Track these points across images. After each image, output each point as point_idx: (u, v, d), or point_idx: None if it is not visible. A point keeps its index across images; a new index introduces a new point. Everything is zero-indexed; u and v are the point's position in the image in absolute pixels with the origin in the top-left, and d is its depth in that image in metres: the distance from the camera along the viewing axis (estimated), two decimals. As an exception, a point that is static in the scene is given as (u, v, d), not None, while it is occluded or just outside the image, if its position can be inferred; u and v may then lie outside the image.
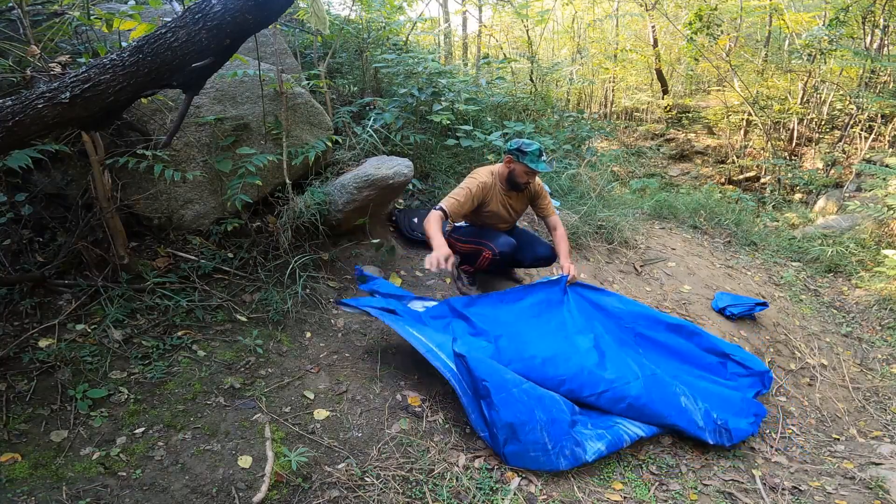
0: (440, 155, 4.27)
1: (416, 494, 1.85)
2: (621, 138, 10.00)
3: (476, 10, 8.40)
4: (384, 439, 2.08)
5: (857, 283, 4.45)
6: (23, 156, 1.85)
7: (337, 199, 2.94)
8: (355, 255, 3.17)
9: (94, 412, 1.90)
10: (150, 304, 2.37)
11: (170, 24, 1.49)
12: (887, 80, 6.97)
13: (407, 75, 4.27)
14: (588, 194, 4.77)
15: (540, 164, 2.85)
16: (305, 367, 2.36)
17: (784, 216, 6.11)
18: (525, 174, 2.91)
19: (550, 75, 7.28)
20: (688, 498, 2.03)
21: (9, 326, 2.11)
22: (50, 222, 2.42)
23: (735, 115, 8.55)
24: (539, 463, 2.01)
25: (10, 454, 1.70)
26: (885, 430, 2.81)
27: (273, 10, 1.62)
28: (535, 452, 2.00)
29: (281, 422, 2.05)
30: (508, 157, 2.92)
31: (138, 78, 1.50)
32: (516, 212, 3.16)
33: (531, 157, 2.84)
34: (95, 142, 2.23)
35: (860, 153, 6.85)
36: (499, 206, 3.04)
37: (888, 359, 3.48)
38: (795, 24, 7.48)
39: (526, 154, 2.84)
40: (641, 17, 9.59)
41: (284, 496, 1.76)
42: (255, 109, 2.83)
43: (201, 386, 2.11)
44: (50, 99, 1.43)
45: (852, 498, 2.11)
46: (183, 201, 2.67)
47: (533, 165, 2.84)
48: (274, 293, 2.63)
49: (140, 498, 1.66)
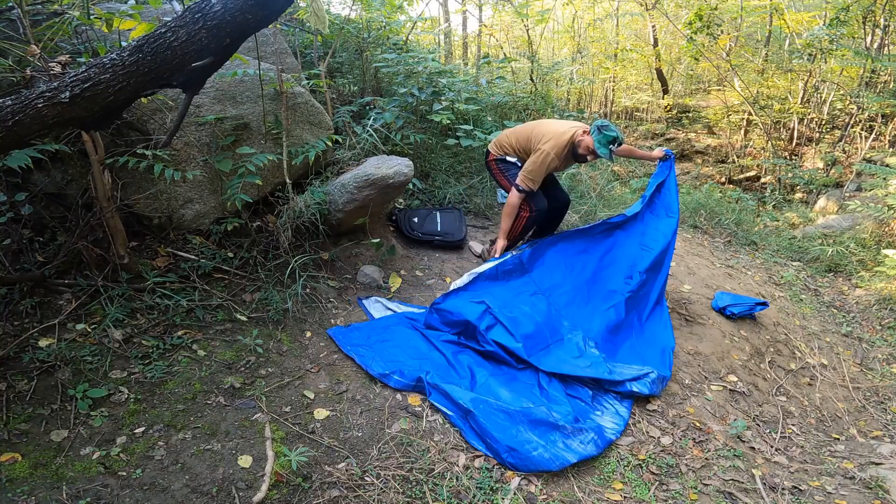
0: (440, 154, 4.27)
1: (416, 494, 1.85)
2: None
3: (476, 10, 8.40)
4: (384, 439, 2.08)
5: (857, 282, 4.44)
6: (23, 155, 1.85)
7: (337, 199, 2.94)
8: (355, 255, 3.17)
9: (95, 412, 1.90)
10: (150, 304, 2.37)
11: (170, 24, 1.49)
12: (888, 80, 6.96)
13: (407, 75, 4.27)
14: (588, 194, 4.78)
15: (602, 150, 2.92)
16: (305, 367, 2.36)
17: (784, 216, 6.10)
18: (587, 149, 2.98)
19: (551, 75, 7.26)
20: (688, 498, 2.03)
21: (9, 326, 2.11)
22: (50, 222, 2.42)
23: (735, 114, 8.55)
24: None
25: (11, 454, 1.70)
26: (885, 430, 2.81)
27: (273, 9, 1.62)
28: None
29: (281, 421, 2.05)
30: (586, 129, 3.01)
31: (138, 77, 1.50)
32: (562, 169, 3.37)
33: (602, 139, 2.91)
34: (95, 141, 2.23)
35: (860, 153, 6.85)
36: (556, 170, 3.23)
37: (888, 359, 3.48)
38: (796, 23, 7.47)
39: (601, 133, 2.91)
40: (641, 17, 9.58)
41: (284, 496, 1.76)
42: (255, 109, 2.83)
43: (201, 385, 2.11)
44: (50, 98, 1.43)
45: (852, 498, 2.11)
46: (183, 201, 2.67)
47: (596, 146, 2.93)
48: (274, 293, 2.63)
49: (140, 497, 1.66)
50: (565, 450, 2.08)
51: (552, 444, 2.09)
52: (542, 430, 2.14)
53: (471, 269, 3.43)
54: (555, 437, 2.12)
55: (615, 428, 2.28)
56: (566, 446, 2.10)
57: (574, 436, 2.15)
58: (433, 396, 2.28)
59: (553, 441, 2.10)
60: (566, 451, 2.08)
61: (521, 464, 2.02)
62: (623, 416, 2.36)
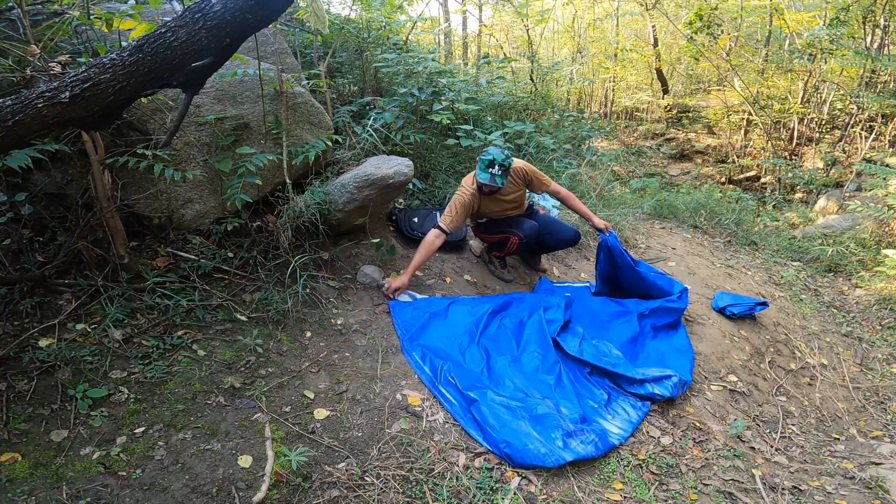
0: (440, 154, 4.27)
1: (416, 494, 1.85)
2: (621, 138, 10.01)
3: (476, 10, 8.40)
4: (384, 439, 2.08)
5: (857, 282, 4.45)
6: (23, 155, 1.85)
7: (337, 199, 2.94)
8: (355, 255, 3.17)
9: (95, 412, 1.90)
10: (150, 304, 2.37)
11: (170, 24, 1.49)
12: (888, 80, 6.96)
13: (407, 75, 4.27)
14: (588, 194, 4.78)
15: (482, 175, 2.95)
16: (305, 367, 2.36)
17: (784, 216, 6.10)
18: (477, 181, 3.04)
19: (550, 75, 7.27)
20: (688, 498, 2.03)
21: (9, 326, 2.11)
22: (50, 222, 2.42)
23: (735, 114, 8.55)
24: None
25: (11, 454, 1.70)
26: (885, 430, 2.81)
27: (273, 9, 1.62)
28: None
29: (281, 421, 2.05)
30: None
31: (138, 77, 1.50)
32: (514, 201, 3.27)
33: (479, 166, 2.96)
34: (95, 141, 2.23)
35: (860, 153, 6.85)
36: (492, 206, 3.20)
37: (888, 358, 3.48)
38: (796, 23, 7.47)
39: (478, 163, 2.97)
40: (641, 17, 9.59)
41: (284, 496, 1.76)
42: (255, 109, 2.83)
43: (201, 385, 2.11)
44: (50, 98, 1.43)
45: (852, 498, 2.11)
46: (183, 201, 2.67)
47: (478, 175, 2.98)
48: (274, 293, 2.63)
49: (140, 497, 1.66)
50: (563, 448, 2.09)
51: (551, 442, 2.10)
52: (543, 426, 2.16)
53: (470, 268, 3.46)
54: (556, 434, 2.14)
55: (621, 434, 2.28)
56: (565, 445, 2.11)
57: (576, 435, 2.16)
58: (442, 383, 2.38)
59: (553, 438, 2.11)
60: (564, 450, 2.08)
61: (516, 455, 2.04)
62: (633, 422, 2.36)
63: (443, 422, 2.22)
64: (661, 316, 3.10)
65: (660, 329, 3.08)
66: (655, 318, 3.09)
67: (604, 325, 3.05)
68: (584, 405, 2.37)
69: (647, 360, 2.81)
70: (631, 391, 2.54)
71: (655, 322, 3.09)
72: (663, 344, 2.96)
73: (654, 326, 3.08)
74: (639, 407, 2.47)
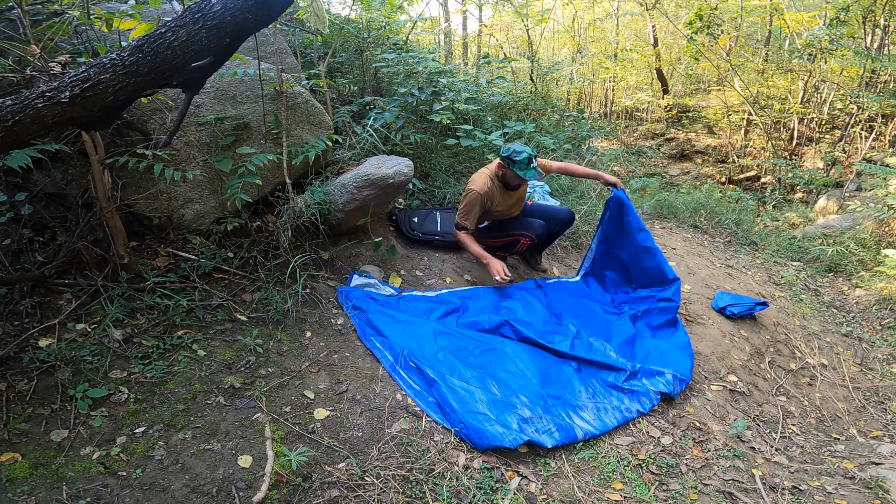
0: (440, 154, 4.27)
1: (416, 494, 1.86)
2: (621, 138, 10.01)
3: (476, 10, 8.40)
4: (384, 439, 2.08)
5: (857, 282, 4.44)
6: (23, 155, 1.85)
7: (337, 199, 2.94)
8: (355, 255, 3.17)
9: (95, 412, 1.90)
10: (151, 304, 2.37)
11: (170, 24, 1.49)
12: (888, 80, 6.96)
13: (407, 75, 4.26)
14: (588, 194, 4.78)
15: (528, 173, 2.99)
16: (305, 367, 2.36)
17: (784, 216, 6.10)
18: (515, 178, 3.07)
19: (551, 75, 7.27)
20: (688, 498, 2.03)
21: (9, 326, 2.11)
22: (50, 222, 2.42)
23: (735, 114, 8.55)
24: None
25: (10, 454, 1.70)
26: (885, 429, 2.81)
27: (273, 9, 1.62)
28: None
29: (281, 421, 2.05)
30: (500, 162, 3.07)
31: (138, 77, 1.50)
32: (522, 196, 3.37)
33: (520, 166, 2.98)
34: (95, 141, 2.23)
35: (860, 153, 6.85)
36: (503, 203, 3.24)
37: (888, 358, 3.48)
38: (796, 23, 7.47)
39: (515, 163, 2.98)
40: (641, 17, 9.58)
41: (284, 496, 1.76)
42: (255, 109, 2.83)
43: (201, 385, 2.11)
44: (50, 98, 1.43)
45: (852, 498, 2.11)
46: (183, 201, 2.67)
47: (521, 174, 2.99)
48: (274, 292, 2.63)
49: (140, 497, 1.66)
50: (519, 431, 2.15)
51: (507, 425, 2.16)
52: (500, 409, 2.23)
53: (470, 268, 3.45)
54: (511, 418, 2.20)
55: (590, 430, 2.29)
56: (521, 429, 2.16)
57: (531, 422, 2.21)
58: (404, 366, 2.43)
59: (508, 423, 2.17)
60: (520, 433, 2.14)
61: (475, 437, 2.10)
62: (607, 425, 2.34)
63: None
64: (657, 315, 3.12)
65: (659, 328, 3.08)
66: (650, 318, 3.11)
67: (600, 322, 3.08)
68: (550, 395, 2.38)
69: (647, 358, 2.82)
70: (626, 387, 2.55)
71: (651, 321, 3.10)
72: (664, 342, 2.96)
73: (651, 325, 3.09)
74: (626, 404, 2.47)
